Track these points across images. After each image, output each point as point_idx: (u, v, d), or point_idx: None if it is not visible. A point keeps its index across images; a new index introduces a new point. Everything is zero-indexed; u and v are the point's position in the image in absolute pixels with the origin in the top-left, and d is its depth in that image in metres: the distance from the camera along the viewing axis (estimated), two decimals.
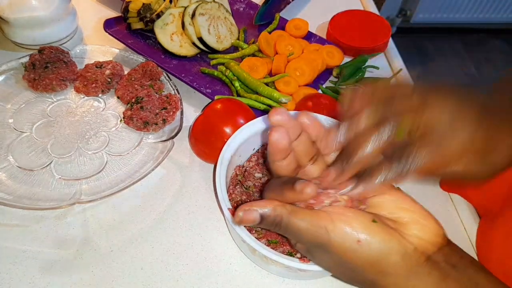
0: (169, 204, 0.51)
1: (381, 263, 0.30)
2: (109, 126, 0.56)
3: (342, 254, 0.30)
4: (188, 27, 0.64)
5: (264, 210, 0.31)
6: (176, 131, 0.53)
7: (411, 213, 0.32)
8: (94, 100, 0.59)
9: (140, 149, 0.54)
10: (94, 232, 0.48)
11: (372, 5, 0.85)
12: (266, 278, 0.45)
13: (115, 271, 0.45)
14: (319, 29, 0.78)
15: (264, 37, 0.66)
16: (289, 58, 0.66)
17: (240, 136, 0.46)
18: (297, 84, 0.62)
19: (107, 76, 0.59)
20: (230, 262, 0.46)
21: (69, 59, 0.61)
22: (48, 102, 0.58)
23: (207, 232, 0.49)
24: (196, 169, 0.55)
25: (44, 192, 0.48)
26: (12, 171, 0.50)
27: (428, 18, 2.08)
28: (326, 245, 0.30)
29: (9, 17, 0.62)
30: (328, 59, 0.66)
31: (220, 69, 0.63)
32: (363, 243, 0.30)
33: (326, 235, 0.30)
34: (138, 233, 0.48)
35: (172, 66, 0.64)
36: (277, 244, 0.41)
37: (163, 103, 0.56)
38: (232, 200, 0.44)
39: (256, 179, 0.47)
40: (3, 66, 0.59)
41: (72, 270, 0.44)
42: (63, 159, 0.52)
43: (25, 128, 0.55)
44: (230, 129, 0.49)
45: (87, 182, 0.50)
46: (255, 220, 0.31)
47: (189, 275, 0.45)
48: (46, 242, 0.46)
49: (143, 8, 0.64)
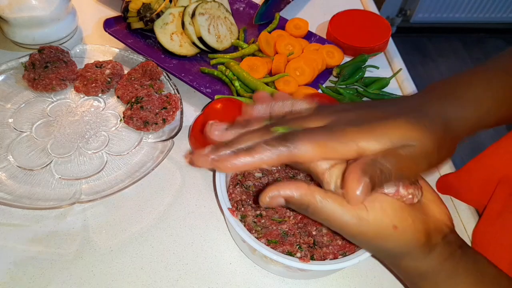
0: (169, 204, 0.51)
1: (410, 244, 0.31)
2: (109, 126, 0.56)
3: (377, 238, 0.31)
4: (188, 26, 0.64)
5: (290, 196, 0.30)
6: (176, 131, 0.53)
7: (431, 195, 0.34)
8: (94, 100, 0.59)
9: (140, 148, 0.54)
10: (94, 232, 0.48)
11: (372, 4, 0.85)
12: (266, 278, 0.45)
13: (115, 271, 0.45)
14: (319, 28, 0.78)
15: (264, 37, 0.66)
16: (289, 57, 0.66)
17: None
18: (297, 84, 0.62)
19: (107, 76, 0.59)
20: (230, 262, 0.46)
21: (69, 58, 0.61)
22: (48, 101, 0.58)
23: (207, 232, 0.49)
24: (196, 168, 0.55)
25: (44, 192, 0.48)
26: (12, 171, 0.50)
27: (428, 18, 2.08)
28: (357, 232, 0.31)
29: (9, 17, 0.62)
30: (328, 58, 0.66)
31: (220, 69, 0.63)
32: (399, 229, 0.30)
33: (358, 223, 0.30)
34: (138, 233, 0.48)
35: (172, 65, 0.64)
36: (277, 244, 0.41)
37: (163, 102, 0.56)
38: (232, 200, 0.44)
39: (256, 178, 0.47)
40: (3, 66, 0.59)
41: (72, 269, 0.44)
42: (63, 159, 0.52)
43: (25, 127, 0.55)
44: None
45: (87, 181, 0.50)
46: (280, 204, 0.31)
47: (189, 275, 0.45)
48: (46, 242, 0.46)
49: (143, 8, 0.64)
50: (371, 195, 0.30)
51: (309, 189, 0.30)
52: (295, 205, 0.31)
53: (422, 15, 2.05)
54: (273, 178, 0.48)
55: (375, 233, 0.30)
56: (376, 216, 0.30)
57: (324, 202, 0.30)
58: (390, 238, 0.30)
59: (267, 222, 0.42)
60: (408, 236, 0.31)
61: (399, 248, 0.31)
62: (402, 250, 0.31)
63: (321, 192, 0.30)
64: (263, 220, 0.42)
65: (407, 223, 0.30)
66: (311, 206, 0.30)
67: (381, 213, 0.30)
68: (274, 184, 0.31)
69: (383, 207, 0.30)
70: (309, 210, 0.31)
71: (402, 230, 0.30)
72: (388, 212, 0.30)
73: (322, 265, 0.37)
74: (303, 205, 0.30)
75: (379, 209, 0.30)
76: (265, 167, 0.32)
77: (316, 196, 0.30)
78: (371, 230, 0.30)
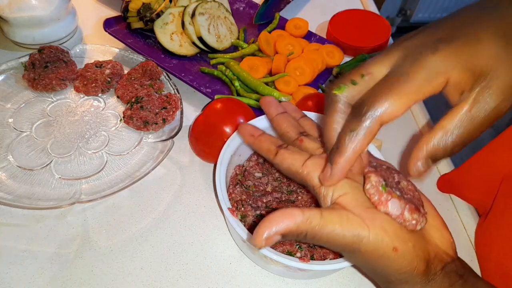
0: (169, 203, 0.51)
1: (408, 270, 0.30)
2: (109, 126, 0.56)
3: (377, 259, 0.30)
4: (188, 26, 0.64)
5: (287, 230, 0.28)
6: (176, 131, 0.53)
7: (434, 221, 0.32)
8: (94, 100, 0.59)
9: (140, 148, 0.54)
10: (94, 232, 0.48)
11: (372, 4, 0.85)
12: (266, 278, 0.45)
13: (115, 271, 0.45)
14: (319, 28, 0.78)
15: (264, 37, 0.66)
16: (289, 57, 0.66)
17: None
18: (297, 84, 0.62)
19: (107, 76, 0.59)
20: (230, 262, 0.46)
21: (69, 58, 0.61)
22: (48, 101, 0.58)
23: (207, 232, 0.49)
24: (196, 168, 0.55)
25: (44, 192, 0.48)
26: (12, 171, 0.50)
27: (428, 18, 2.08)
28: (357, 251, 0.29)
29: (9, 17, 0.62)
30: (328, 58, 0.66)
31: (220, 69, 0.63)
32: (399, 251, 0.29)
33: (358, 243, 0.29)
34: (138, 232, 0.48)
35: (172, 65, 0.64)
36: (277, 244, 0.41)
37: (163, 102, 0.56)
38: (232, 200, 0.44)
39: (256, 178, 0.47)
40: (2, 66, 0.59)
41: (72, 269, 0.44)
42: (63, 159, 0.52)
43: (24, 127, 0.55)
44: (230, 129, 0.49)
45: (87, 181, 0.50)
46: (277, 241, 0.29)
47: (189, 275, 0.45)
48: (46, 241, 0.46)
49: (143, 8, 0.64)
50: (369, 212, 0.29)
51: (304, 216, 0.29)
52: (293, 235, 0.29)
53: (422, 15, 2.05)
54: (273, 178, 0.48)
55: (375, 253, 0.29)
56: (377, 235, 0.29)
57: (322, 226, 0.29)
58: (389, 260, 0.29)
59: None
60: (408, 261, 0.29)
61: (398, 273, 0.30)
62: (401, 276, 0.30)
63: (317, 216, 0.29)
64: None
65: (407, 247, 0.29)
66: (309, 233, 0.29)
67: (382, 232, 0.29)
68: (266, 219, 0.29)
69: (384, 226, 0.29)
70: (308, 237, 0.29)
71: (402, 253, 0.29)
72: (389, 232, 0.29)
73: (322, 265, 0.37)
74: (301, 234, 0.29)
75: (380, 228, 0.29)
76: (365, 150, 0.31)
77: (312, 222, 0.29)
78: (370, 250, 0.29)
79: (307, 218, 0.29)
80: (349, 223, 0.29)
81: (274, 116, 0.40)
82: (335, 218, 0.29)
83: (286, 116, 0.40)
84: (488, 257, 0.47)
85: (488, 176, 0.49)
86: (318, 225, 0.29)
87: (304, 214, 0.29)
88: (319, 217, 0.29)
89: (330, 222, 0.29)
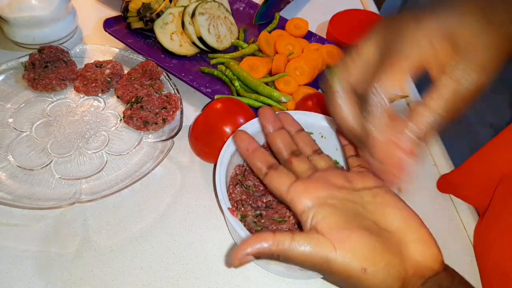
0: (169, 203, 0.51)
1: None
2: (109, 126, 0.56)
3: (346, 279, 0.31)
4: (188, 26, 0.64)
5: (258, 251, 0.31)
6: (176, 131, 0.53)
7: (417, 234, 0.32)
8: (94, 100, 0.59)
9: (140, 148, 0.54)
10: (94, 232, 0.48)
11: (372, 4, 0.85)
12: (266, 278, 0.45)
13: (115, 271, 0.45)
14: (319, 28, 0.78)
15: (264, 37, 0.66)
16: (289, 57, 0.66)
17: None
18: (297, 84, 0.62)
19: (107, 76, 0.59)
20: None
21: (69, 58, 0.61)
22: (47, 101, 0.58)
23: (207, 232, 0.49)
24: (196, 168, 0.55)
25: (44, 192, 0.48)
26: (12, 171, 0.50)
27: None
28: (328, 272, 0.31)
29: (9, 17, 0.62)
30: (328, 58, 0.66)
31: (220, 69, 0.63)
32: (368, 272, 0.30)
33: (326, 264, 0.30)
34: (138, 232, 0.48)
35: (172, 65, 0.64)
36: None
37: (163, 102, 0.56)
38: (232, 200, 0.44)
39: (256, 178, 0.47)
40: (2, 66, 0.59)
41: (72, 269, 0.44)
42: (63, 159, 0.52)
43: (24, 127, 0.55)
44: (230, 129, 0.49)
45: (87, 181, 0.50)
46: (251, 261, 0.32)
47: (189, 275, 0.45)
48: (46, 241, 0.46)
49: (143, 8, 0.64)
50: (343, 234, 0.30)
51: (275, 239, 0.31)
52: (266, 256, 0.31)
53: None
54: None
55: (344, 274, 0.30)
56: (345, 257, 0.30)
57: (293, 248, 0.31)
58: (359, 280, 0.30)
59: (267, 222, 0.42)
60: (379, 280, 0.30)
61: None
62: None
63: (287, 240, 0.31)
64: (263, 220, 0.42)
65: (378, 266, 0.30)
66: (281, 254, 0.31)
67: (350, 254, 0.30)
68: (242, 242, 0.31)
69: (354, 248, 0.30)
70: (281, 258, 0.31)
71: (372, 273, 0.30)
72: (358, 253, 0.30)
73: None
74: (274, 255, 0.31)
75: (348, 250, 0.30)
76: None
77: (284, 243, 0.31)
78: (339, 271, 0.30)
79: (277, 241, 0.31)
80: (318, 246, 0.31)
81: (269, 133, 0.42)
82: (305, 241, 0.31)
83: (281, 133, 0.41)
84: (487, 257, 0.47)
85: (488, 176, 0.49)
86: (288, 247, 0.31)
87: (275, 238, 0.31)
88: (289, 240, 0.31)
89: (300, 245, 0.31)
